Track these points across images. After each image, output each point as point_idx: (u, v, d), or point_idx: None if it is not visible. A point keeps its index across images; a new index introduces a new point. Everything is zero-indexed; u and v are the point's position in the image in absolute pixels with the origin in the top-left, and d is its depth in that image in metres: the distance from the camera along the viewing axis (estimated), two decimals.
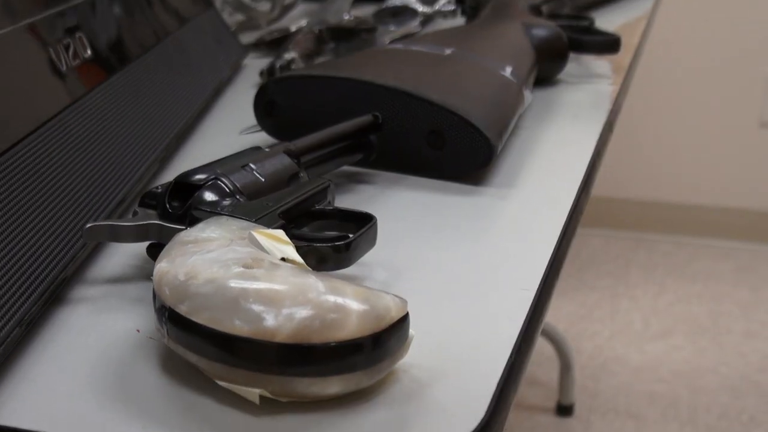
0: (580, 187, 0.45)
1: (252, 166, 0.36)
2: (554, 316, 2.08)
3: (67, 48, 0.42)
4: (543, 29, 0.63)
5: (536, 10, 0.73)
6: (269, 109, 0.49)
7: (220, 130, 0.56)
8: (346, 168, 0.46)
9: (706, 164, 2.31)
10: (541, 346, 1.62)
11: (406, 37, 0.76)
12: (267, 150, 0.38)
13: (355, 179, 0.46)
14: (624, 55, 0.72)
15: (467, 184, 0.45)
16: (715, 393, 1.76)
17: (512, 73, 0.52)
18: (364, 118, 0.44)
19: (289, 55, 0.66)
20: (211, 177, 0.34)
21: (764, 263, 2.27)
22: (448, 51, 0.53)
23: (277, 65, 0.65)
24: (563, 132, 0.54)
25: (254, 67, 0.71)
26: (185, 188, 0.34)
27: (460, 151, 0.44)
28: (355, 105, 0.46)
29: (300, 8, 0.86)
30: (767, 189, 2.30)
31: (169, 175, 0.47)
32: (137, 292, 0.34)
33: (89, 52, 0.44)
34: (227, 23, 0.80)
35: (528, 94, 0.52)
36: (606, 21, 0.90)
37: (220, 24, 0.70)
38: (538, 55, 0.62)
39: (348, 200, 0.44)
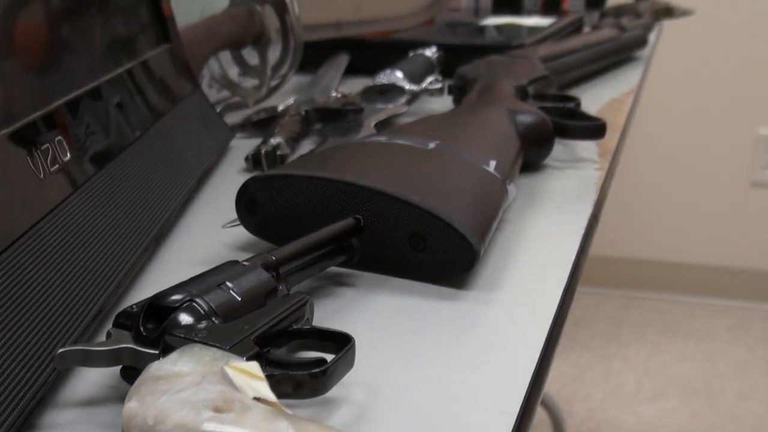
0: (563, 290, 0.44)
1: (228, 284, 0.35)
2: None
3: (45, 154, 0.41)
4: (528, 115, 0.64)
5: (522, 91, 0.73)
6: (251, 207, 0.48)
7: (203, 223, 0.55)
8: (328, 269, 0.45)
9: (698, 223, 2.31)
10: None
11: (393, 118, 0.76)
12: (244, 264, 0.38)
13: (337, 281, 0.46)
14: (610, 136, 0.72)
15: (450, 287, 0.45)
16: None
17: (496, 167, 0.52)
18: (346, 222, 0.44)
19: (275, 140, 0.66)
20: (186, 299, 0.34)
21: (758, 322, 2.26)
22: (431, 144, 0.53)
23: (263, 150, 0.65)
24: (548, 226, 0.54)
25: (241, 148, 0.71)
26: (160, 310, 0.33)
27: (442, 255, 0.44)
28: (337, 205, 0.46)
29: (290, 82, 0.87)
30: (759, 247, 2.30)
31: (150, 280, 0.46)
32: (110, 417, 0.33)
33: (68, 155, 0.43)
34: (214, 104, 0.80)
35: (512, 189, 0.52)
36: (594, 96, 0.91)
37: (207, 106, 0.70)
38: (524, 141, 0.62)
39: (328, 305, 0.43)
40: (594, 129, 0.66)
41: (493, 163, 0.52)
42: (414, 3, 1.09)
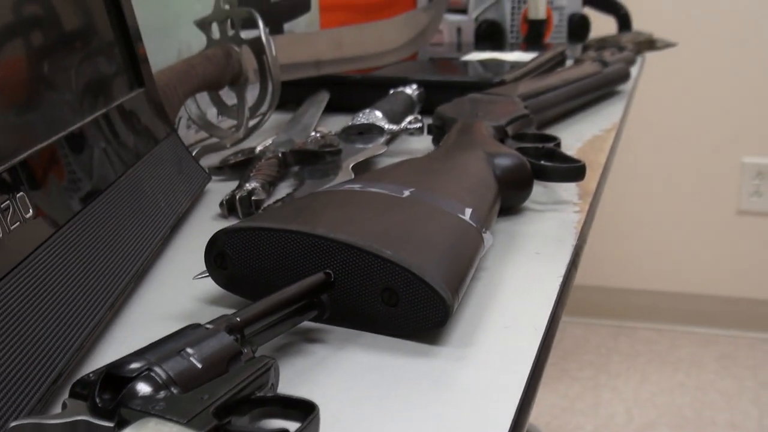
0: (539, 345, 0.43)
1: (189, 350, 0.34)
2: (536, 408, 2.05)
3: (5, 211, 0.40)
4: (506, 159, 0.63)
5: (501, 131, 0.73)
6: (220, 260, 0.47)
7: (175, 273, 0.54)
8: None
9: (685, 252, 2.31)
10: None
11: (371, 158, 0.75)
12: (207, 327, 0.36)
13: (307, 337, 0.45)
14: (591, 176, 0.72)
15: (424, 342, 0.44)
16: None
17: (472, 215, 0.51)
18: (315, 278, 0.43)
19: (250, 185, 0.66)
20: (144, 367, 0.32)
21: (746, 350, 2.26)
22: (406, 192, 0.52)
23: (238, 196, 0.64)
24: (525, 274, 0.53)
25: (218, 191, 0.70)
26: (117, 379, 0.32)
27: (415, 311, 0.43)
28: (308, 259, 0.45)
29: (269, 120, 0.86)
30: (746, 276, 2.29)
31: (116, 337, 0.45)
32: None
33: (31, 211, 0.42)
34: (192, 145, 0.79)
35: (488, 237, 0.51)
36: (576, 133, 0.90)
37: (182, 150, 0.69)
38: (502, 186, 0.61)
39: (298, 364, 0.42)
40: (573, 171, 0.65)
41: (468, 212, 0.51)
42: (395, 39, 1.09)
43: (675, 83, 2.20)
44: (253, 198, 0.64)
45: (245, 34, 0.82)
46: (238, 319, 0.38)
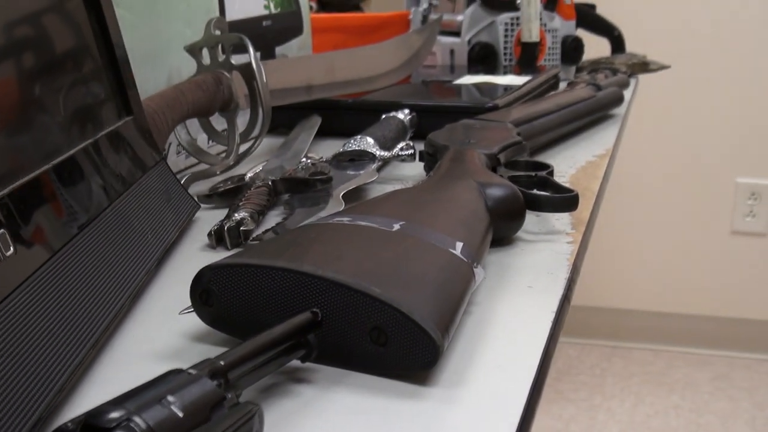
0: (531, 385, 0.43)
1: (170, 398, 0.33)
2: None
3: None
4: (498, 189, 0.62)
5: (494, 159, 0.72)
6: (205, 297, 0.46)
7: (161, 308, 0.53)
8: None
9: (680, 272, 2.30)
10: None
11: (363, 186, 0.75)
12: (189, 372, 0.35)
13: (294, 377, 0.44)
14: (584, 205, 0.71)
15: (413, 383, 0.43)
16: None
17: (463, 249, 0.50)
18: (302, 317, 0.42)
19: (239, 215, 0.65)
20: (123, 417, 0.31)
21: (741, 371, 2.25)
22: (396, 226, 0.51)
23: (226, 226, 0.63)
24: (517, 309, 0.52)
25: (206, 220, 0.70)
26: (96, 429, 0.31)
27: (404, 350, 0.42)
28: (295, 296, 0.44)
29: (261, 145, 0.85)
30: (741, 296, 2.29)
31: (100, 377, 0.44)
32: None
33: (11, 249, 0.41)
34: (182, 171, 0.79)
35: (480, 272, 0.50)
36: (569, 158, 0.89)
37: (170, 179, 0.68)
38: (494, 216, 0.60)
39: (285, 406, 0.41)
40: (566, 202, 0.64)
41: (459, 246, 0.50)
42: (388, 63, 1.08)
43: (669, 104, 2.20)
44: (241, 228, 0.63)
45: (236, 60, 0.82)
46: (222, 362, 0.37)
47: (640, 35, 1.73)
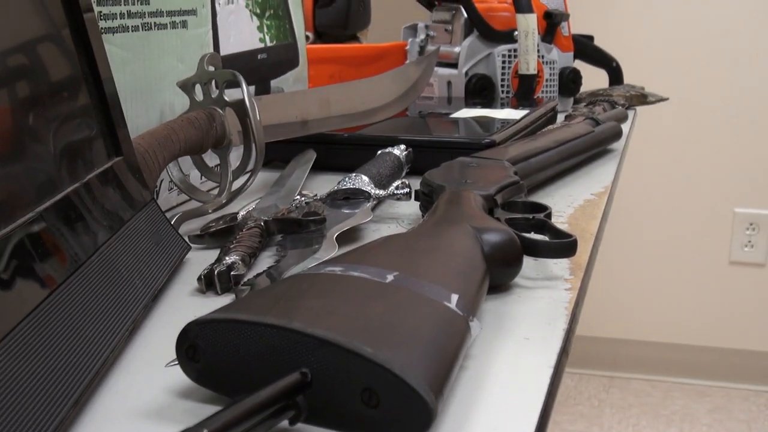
0: None
1: None
2: None
3: None
4: (495, 234, 0.61)
5: (491, 200, 0.71)
6: (191, 353, 0.45)
7: (146, 359, 0.52)
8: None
9: (678, 302, 2.29)
10: None
11: (356, 226, 0.73)
12: None
13: None
14: (583, 248, 0.70)
15: None
16: None
17: (458, 302, 0.49)
18: (290, 379, 0.41)
19: (230, 258, 0.63)
20: None
21: (739, 403, 2.23)
22: (389, 277, 0.50)
23: (216, 271, 0.62)
24: (514, 364, 0.50)
25: (197, 262, 0.68)
26: None
27: (396, 413, 0.41)
28: (285, 354, 0.43)
29: (255, 180, 0.83)
30: (739, 327, 2.27)
31: None
32: None
33: None
34: (174, 207, 0.77)
35: (476, 325, 0.49)
36: (566, 196, 0.88)
37: (161, 220, 0.66)
38: (490, 263, 0.59)
39: None
40: (564, 247, 0.63)
41: (455, 298, 0.49)
42: (384, 96, 1.07)
43: (667, 134, 2.20)
44: (232, 273, 0.61)
45: (230, 95, 0.80)
46: (206, 431, 0.35)
47: (639, 66, 1.72)
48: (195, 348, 0.45)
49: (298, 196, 0.81)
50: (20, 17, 0.54)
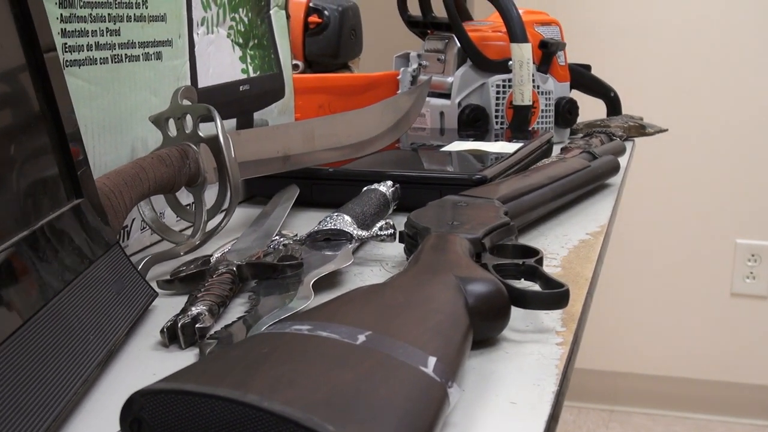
0: None
1: None
2: None
3: None
4: (480, 285, 0.56)
5: (478, 244, 0.67)
6: (136, 427, 0.40)
7: (94, 426, 0.47)
8: None
9: (679, 335, 2.24)
10: None
11: (335, 272, 0.69)
12: None
13: None
14: (577, 296, 0.66)
15: None
16: None
17: (436, 366, 0.44)
18: None
19: (196, 309, 0.59)
20: None
21: None
22: (361, 338, 0.45)
23: (180, 323, 0.57)
24: None
25: (164, 309, 0.64)
26: None
27: None
28: (237, 430, 0.38)
29: (235, 215, 0.79)
30: (741, 360, 2.22)
31: None
32: None
33: None
34: (141, 255, 0.73)
35: (454, 392, 0.44)
36: (561, 235, 0.84)
37: (124, 266, 0.62)
38: (474, 317, 0.54)
39: None
40: (555, 298, 0.58)
41: (432, 362, 0.45)
42: (374, 128, 1.03)
43: (667, 164, 2.16)
44: (197, 326, 0.57)
45: (205, 130, 0.76)
46: None
47: (637, 96, 1.69)
48: (140, 421, 0.40)
49: (277, 237, 0.77)
50: None
